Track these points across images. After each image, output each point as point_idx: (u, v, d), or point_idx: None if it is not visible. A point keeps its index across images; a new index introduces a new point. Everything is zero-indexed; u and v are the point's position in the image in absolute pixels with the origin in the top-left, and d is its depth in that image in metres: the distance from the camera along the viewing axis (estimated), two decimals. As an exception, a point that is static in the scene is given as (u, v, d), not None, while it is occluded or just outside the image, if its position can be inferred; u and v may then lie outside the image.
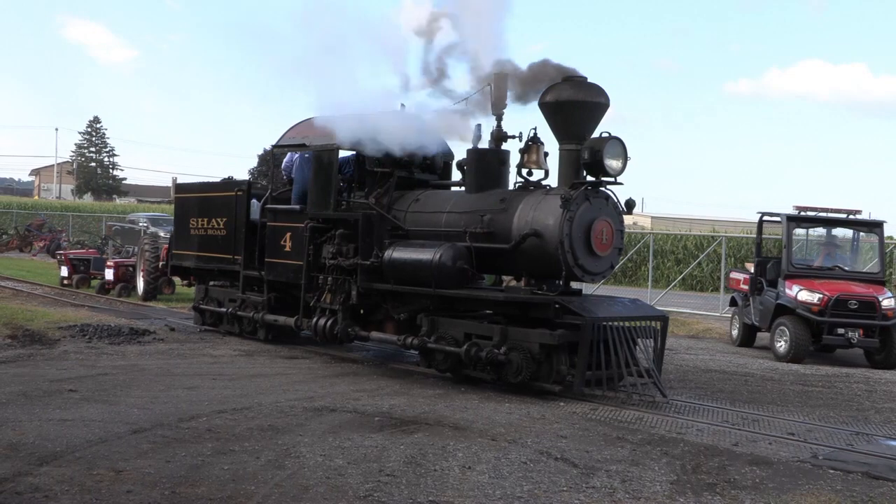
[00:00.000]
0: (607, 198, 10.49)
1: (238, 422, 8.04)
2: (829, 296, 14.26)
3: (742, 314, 16.47)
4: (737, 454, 7.63)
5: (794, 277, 14.91)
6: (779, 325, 14.64)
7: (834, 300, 14.20)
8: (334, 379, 10.71)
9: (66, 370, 10.46)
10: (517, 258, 10.48)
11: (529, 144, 10.90)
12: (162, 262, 19.38)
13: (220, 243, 14.26)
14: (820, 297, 14.29)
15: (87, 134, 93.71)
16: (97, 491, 5.88)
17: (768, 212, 16.21)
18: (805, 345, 14.24)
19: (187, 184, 17.32)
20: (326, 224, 12.19)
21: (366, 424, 8.14)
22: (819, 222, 15.91)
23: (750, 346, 16.37)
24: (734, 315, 17.00)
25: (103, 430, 7.48)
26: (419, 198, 11.94)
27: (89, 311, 16.87)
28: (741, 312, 16.53)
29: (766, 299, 15.42)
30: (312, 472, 6.50)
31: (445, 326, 10.71)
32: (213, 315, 14.76)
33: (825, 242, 16.59)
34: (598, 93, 10.40)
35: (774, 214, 16.03)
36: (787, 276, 14.94)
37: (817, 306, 14.28)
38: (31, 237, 40.45)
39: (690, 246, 33.60)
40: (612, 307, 10.34)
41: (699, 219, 63.11)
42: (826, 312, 14.19)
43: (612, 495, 6.26)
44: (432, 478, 6.48)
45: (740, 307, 16.62)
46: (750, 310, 16.07)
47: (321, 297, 12.13)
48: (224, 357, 12.18)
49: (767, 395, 10.89)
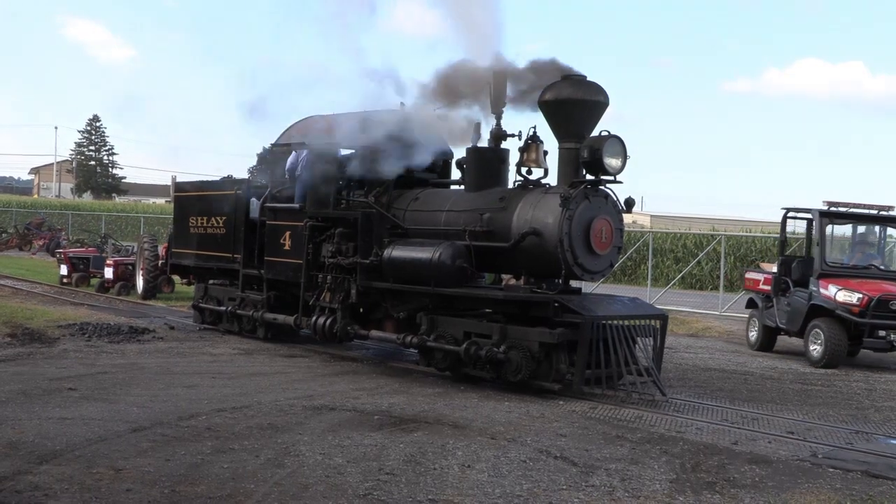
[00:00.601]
0: (607, 196, 10.49)
1: (237, 420, 8.04)
2: (869, 296, 13.31)
3: (763, 316, 15.30)
4: (736, 453, 7.63)
5: (828, 277, 13.93)
6: (813, 328, 13.67)
7: (876, 301, 13.24)
8: (334, 377, 10.72)
9: (66, 369, 10.46)
10: (516, 257, 10.48)
11: (529, 143, 10.90)
12: (161, 260, 19.38)
13: (220, 242, 14.26)
14: (860, 298, 13.34)
15: (87, 132, 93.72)
16: (97, 489, 5.88)
17: (795, 207, 15.37)
18: (841, 348, 13.34)
19: (187, 182, 17.30)
20: (326, 223, 12.19)
21: (365, 423, 8.14)
22: (852, 218, 14.92)
23: (769, 350, 15.22)
24: (752, 317, 15.87)
25: (103, 429, 7.49)
26: (418, 196, 11.94)
27: (89, 310, 16.86)
28: (762, 314, 15.38)
29: (796, 300, 14.39)
30: (312, 470, 6.50)
31: (445, 325, 10.71)
32: (213, 314, 14.76)
33: (858, 240, 15.54)
34: (597, 91, 10.40)
35: (802, 210, 15.24)
36: (822, 275, 13.94)
37: (857, 307, 13.31)
38: (30, 236, 40.43)
39: (690, 244, 33.56)
40: (611, 306, 10.34)
41: (698, 217, 63.12)
42: (867, 314, 13.25)
43: (612, 494, 6.27)
44: (432, 476, 6.48)
45: (760, 309, 15.46)
46: (773, 311, 14.95)
47: (320, 295, 12.13)
48: (223, 355, 12.18)
49: (767, 393, 10.90)
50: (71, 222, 46.18)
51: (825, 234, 14.37)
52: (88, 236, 34.79)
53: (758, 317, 15.59)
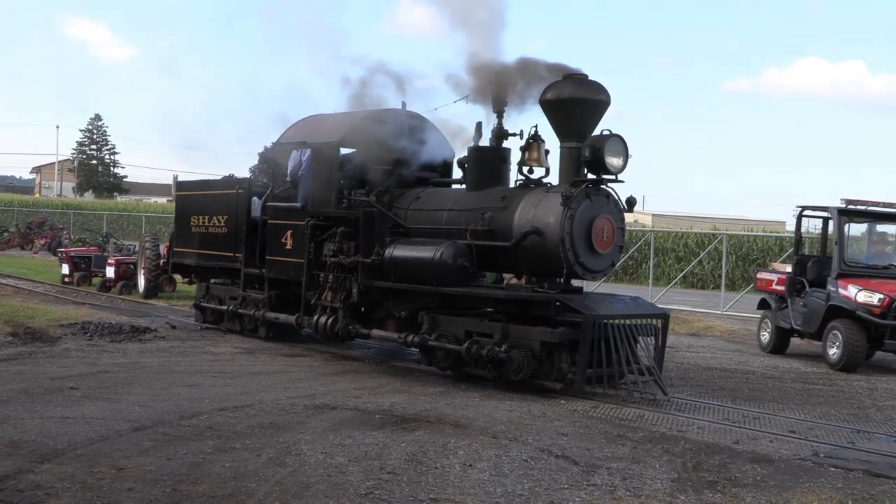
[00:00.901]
0: (608, 195, 10.49)
1: (239, 419, 8.04)
2: (891, 297, 12.94)
3: (777, 317, 14.76)
4: (738, 452, 7.63)
5: (847, 277, 13.48)
6: (832, 330, 13.26)
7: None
8: (335, 377, 10.72)
9: (68, 368, 10.47)
10: (518, 256, 10.48)
11: (530, 142, 10.90)
12: (163, 259, 19.38)
13: (222, 241, 14.27)
14: (881, 298, 12.95)
15: (89, 132, 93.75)
16: (98, 488, 5.89)
17: (810, 206, 14.96)
18: (860, 350, 12.96)
19: (188, 181, 17.31)
20: (327, 222, 12.19)
21: (367, 422, 8.15)
22: (871, 216, 14.53)
23: (782, 352, 14.76)
24: (764, 318, 15.33)
25: (104, 428, 7.49)
26: (420, 195, 11.94)
27: (90, 309, 16.87)
28: (775, 315, 14.84)
29: (813, 301, 13.91)
30: (313, 469, 6.50)
31: (446, 324, 10.71)
32: (214, 313, 14.77)
33: (876, 239, 15.16)
34: (599, 90, 10.40)
35: (819, 208, 14.82)
36: (840, 275, 13.47)
37: (878, 308, 12.92)
38: (32, 235, 40.46)
39: (691, 244, 33.55)
40: (612, 305, 10.33)
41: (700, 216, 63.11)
42: (889, 315, 12.88)
43: (613, 493, 6.26)
44: (433, 475, 6.48)
45: (774, 310, 14.92)
46: (787, 312, 14.46)
47: (322, 294, 12.13)
48: (225, 355, 12.19)
49: (768, 392, 10.89)
50: (73, 221, 46.20)
51: (843, 233, 13.94)
52: (90, 235, 34.84)
53: (771, 318, 15.07)
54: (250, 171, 16.26)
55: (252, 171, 16.78)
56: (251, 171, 16.49)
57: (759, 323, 15.70)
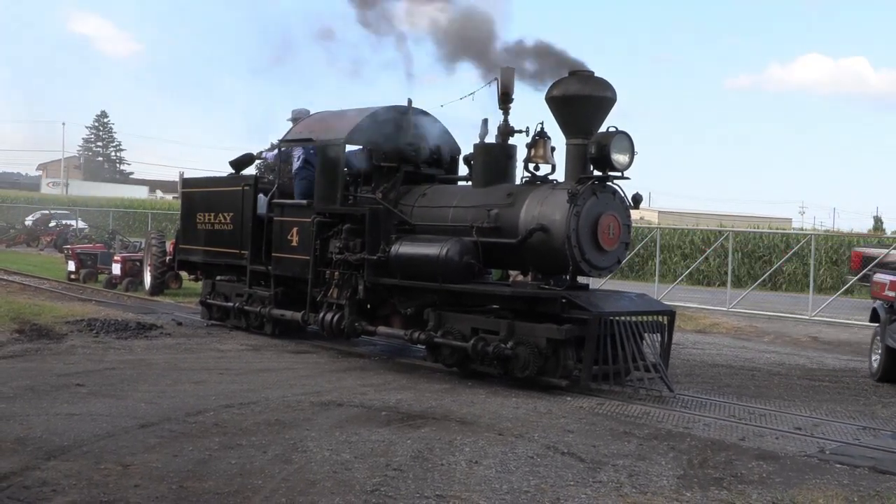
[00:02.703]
0: (614, 192, 10.48)
1: (245, 416, 8.05)
2: None
3: (887, 334, 11.09)
4: (743, 449, 7.62)
5: None
6: None
7: None
8: (341, 374, 10.73)
9: (74, 365, 10.49)
10: (524, 253, 10.47)
11: (536, 139, 10.89)
12: (169, 256, 19.41)
13: (227, 238, 14.28)
14: None
15: (95, 128, 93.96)
16: (104, 485, 5.90)
17: None
18: None
19: (194, 178, 17.32)
20: (333, 219, 12.20)
21: (373, 419, 8.15)
22: None
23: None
24: (876, 336, 11.69)
25: (111, 425, 7.50)
26: (426, 192, 11.93)
27: (96, 306, 16.89)
28: (884, 332, 11.21)
29: None
30: (319, 466, 6.51)
31: (452, 321, 10.71)
32: (220, 310, 14.78)
33: None
34: (605, 87, 10.38)
35: None
36: None
37: None
38: (38, 232, 40.55)
39: (697, 241, 33.53)
40: (618, 302, 10.32)
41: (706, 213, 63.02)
42: None
43: (619, 490, 6.26)
44: (439, 472, 6.48)
45: (883, 323, 11.31)
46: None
47: (328, 291, 12.14)
48: (231, 352, 12.21)
49: (774, 389, 10.87)
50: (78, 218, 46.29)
51: None
52: (96, 232, 34.90)
53: (880, 335, 11.45)
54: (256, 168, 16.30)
55: (258, 168, 16.80)
56: (257, 168, 16.53)
57: (871, 340, 12.10)
